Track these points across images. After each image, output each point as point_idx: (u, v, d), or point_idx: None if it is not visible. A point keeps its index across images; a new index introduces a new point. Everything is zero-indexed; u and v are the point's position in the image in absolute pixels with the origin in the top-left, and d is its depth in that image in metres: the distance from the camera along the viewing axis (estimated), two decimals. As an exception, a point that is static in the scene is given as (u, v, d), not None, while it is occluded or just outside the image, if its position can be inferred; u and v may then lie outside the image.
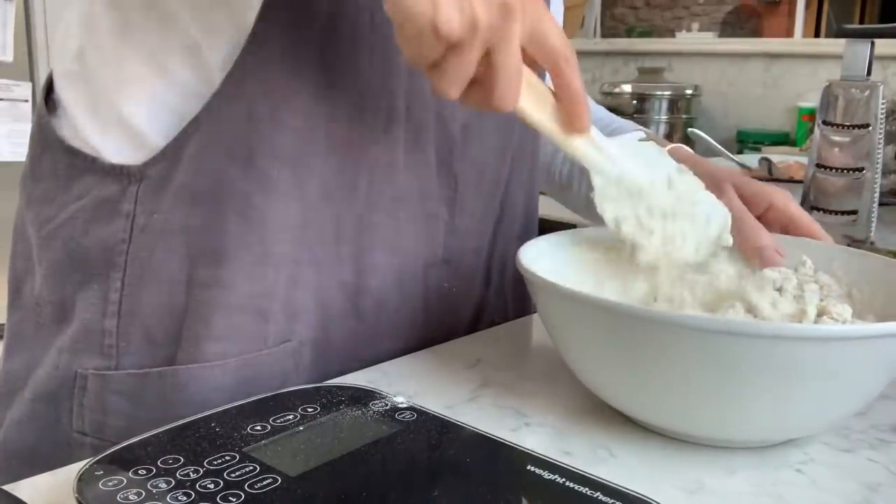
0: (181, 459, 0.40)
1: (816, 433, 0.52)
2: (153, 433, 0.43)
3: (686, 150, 0.73)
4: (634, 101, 2.36)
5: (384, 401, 0.48)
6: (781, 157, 1.80)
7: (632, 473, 0.47)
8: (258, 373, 0.59)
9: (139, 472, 0.39)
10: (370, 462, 0.42)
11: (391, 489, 0.40)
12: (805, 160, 1.38)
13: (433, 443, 0.44)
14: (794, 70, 2.37)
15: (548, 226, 0.75)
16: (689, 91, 2.40)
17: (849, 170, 1.07)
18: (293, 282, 0.59)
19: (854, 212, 1.08)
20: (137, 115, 0.58)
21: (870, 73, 1.06)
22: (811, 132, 1.62)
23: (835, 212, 1.09)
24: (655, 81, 2.44)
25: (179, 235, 0.57)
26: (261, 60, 0.55)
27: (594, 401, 0.54)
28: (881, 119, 1.05)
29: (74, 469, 0.40)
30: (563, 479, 0.40)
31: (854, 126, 1.06)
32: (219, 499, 0.37)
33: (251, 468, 0.40)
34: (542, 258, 0.58)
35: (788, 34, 3.71)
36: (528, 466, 0.41)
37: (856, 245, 1.05)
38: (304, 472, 0.40)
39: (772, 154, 1.84)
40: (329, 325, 0.62)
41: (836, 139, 1.07)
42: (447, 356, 0.64)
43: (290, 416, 0.46)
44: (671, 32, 3.82)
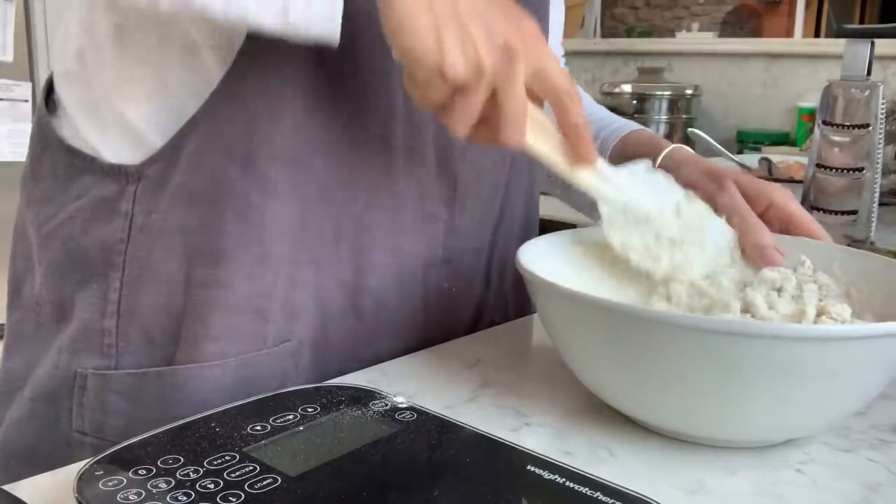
0: (181, 459, 0.40)
1: (816, 433, 0.52)
2: (153, 433, 0.43)
3: (686, 150, 0.73)
4: (634, 101, 2.36)
5: (384, 401, 0.48)
6: (781, 157, 1.80)
7: (632, 473, 0.47)
8: (257, 373, 0.59)
9: (139, 472, 0.39)
10: (370, 462, 0.42)
11: (391, 489, 0.40)
12: (805, 160, 1.38)
13: (433, 443, 0.44)
14: (794, 70, 2.37)
15: (548, 226, 0.75)
16: (689, 91, 2.39)
17: (849, 170, 1.07)
18: (292, 282, 0.59)
19: (854, 212, 1.08)
20: (136, 116, 0.58)
21: (870, 73, 1.06)
22: (811, 132, 1.62)
23: (835, 212, 1.09)
24: (655, 81, 2.44)
25: (178, 235, 0.57)
26: (259, 61, 0.55)
27: (594, 401, 0.54)
28: (881, 119, 1.05)
29: (74, 469, 0.40)
30: (563, 479, 0.40)
31: (854, 126, 1.06)
32: (219, 499, 0.37)
33: (251, 468, 0.40)
34: (542, 258, 0.58)
35: (788, 34, 3.71)
36: (528, 466, 0.41)
37: (856, 245, 1.05)
38: (304, 472, 0.40)
39: (772, 154, 1.84)
40: (328, 325, 0.62)
41: (836, 139, 1.07)
42: (447, 356, 0.64)
43: (290, 416, 0.46)
44: (671, 32, 3.83)
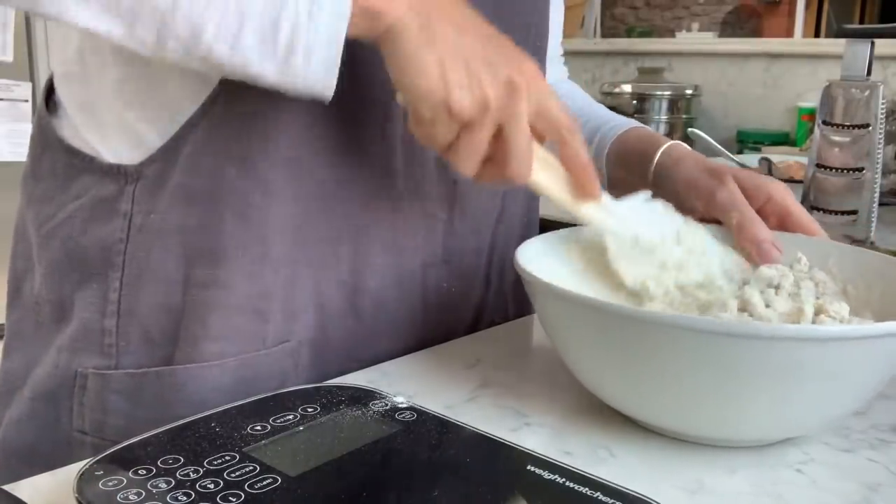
0: (181, 459, 0.40)
1: (815, 432, 0.52)
2: (153, 433, 0.43)
3: (684, 147, 0.73)
4: (634, 101, 2.36)
5: (384, 401, 0.48)
6: (781, 157, 1.80)
7: (632, 473, 0.47)
8: (257, 373, 0.59)
9: (139, 472, 0.39)
10: (370, 462, 0.42)
11: (391, 489, 0.40)
12: (805, 160, 1.38)
13: (433, 443, 0.44)
14: (794, 70, 2.37)
15: (548, 226, 0.74)
16: (689, 91, 2.39)
17: (849, 170, 1.07)
18: (291, 282, 0.59)
19: (854, 212, 1.08)
20: (135, 116, 0.58)
21: (870, 73, 1.06)
22: (811, 132, 1.62)
23: (835, 212, 1.09)
24: (655, 81, 2.44)
25: (176, 235, 0.57)
26: None
27: (594, 401, 0.54)
28: (881, 119, 1.05)
29: (74, 469, 0.40)
30: (563, 479, 0.40)
31: (854, 126, 1.06)
32: (219, 499, 0.37)
33: (251, 468, 0.40)
34: (540, 257, 0.58)
35: (788, 34, 3.71)
36: (528, 466, 0.41)
37: (856, 245, 1.05)
38: (304, 472, 0.40)
39: (772, 154, 1.84)
40: (328, 326, 0.62)
41: (836, 139, 1.07)
42: (447, 356, 0.63)
43: (290, 416, 0.46)
44: (671, 32, 3.83)
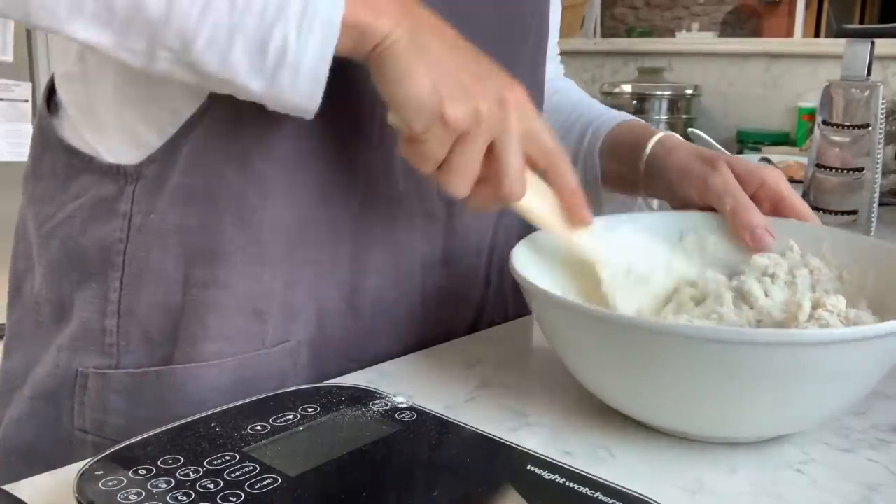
0: (181, 459, 0.40)
1: (815, 428, 0.52)
2: (153, 433, 0.43)
3: (677, 138, 0.73)
4: (634, 101, 2.36)
5: (384, 401, 0.48)
6: (781, 157, 1.80)
7: (632, 473, 0.47)
8: (256, 373, 0.59)
9: (139, 472, 0.39)
10: (370, 462, 0.42)
11: (391, 489, 0.40)
12: (805, 160, 1.38)
13: (433, 443, 0.44)
14: (794, 70, 2.37)
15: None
16: (689, 91, 2.39)
17: (849, 170, 1.07)
18: (290, 282, 0.59)
19: (854, 212, 1.08)
20: (135, 116, 0.58)
21: (870, 73, 1.06)
22: (811, 132, 1.62)
23: (835, 212, 1.09)
24: (655, 81, 2.44)
25: (176, 235, 0.57)
26: None
27: (594, 401, 0.54)
28: (881, 119, 1.05)
29: (74, 469, 0.40)
30: (563, 479, 0.40)
31: (854, 126, 1.06)
32: (219, 499, 0.37)
33: (251, 468, 0.40)
34: (536, 258, 0.58)
35: (788, 34, 3.72)
36: (528, 466, 0.41)
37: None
38: (304, 472, 0.40)
39: (772, 154, 1.84)
40: (327, 326, 0.62)
41: (836, 139, 1.07)
42: (447, 356, 0.63)
43: (290, 416, 0.46)
44: (671, 32, 3.83)
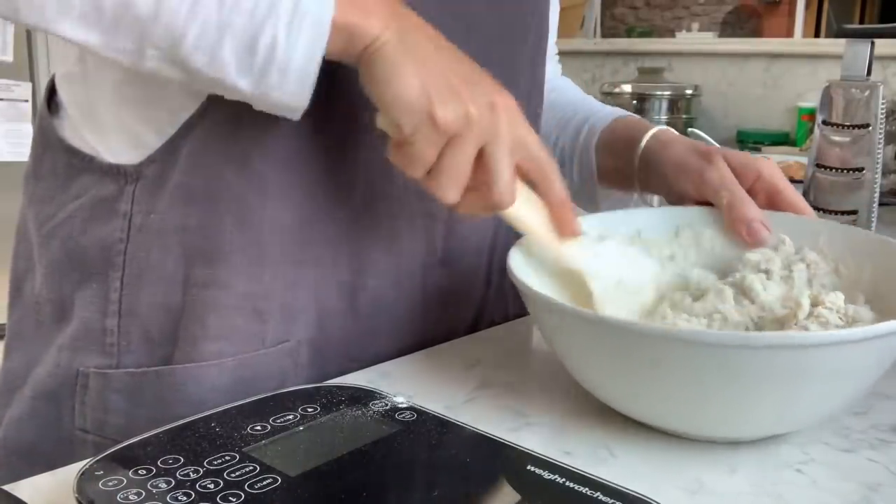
0: (181, 459, 0.40)
1: (814, 428, 0.52)
2: (153, 433, 0.43)
3: (672, 132, 0.73)
4: (634, 101, 2.36)
5: (384, 401, 0.48)
6: (781, 157, 1.80)
7: (632, 473, 0.47)
8: (256, 373, 0.59)
9: (139, 472, 0.39)
10: (370, 462, 0.42)
11: (391, 489, 0.40)
12: (805, 160, 1.38)
13: (433, 443, 0.44)
14: (794, 70, 2.37)
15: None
16: (689, 91, 2.40)
17: (849, 170, 1.07)
18: (290, 282, 0.59)
19: (854, 212, 1.08)
20: (135, 116, 0.58)
21: (870, 73, 1.06)
22: (811, 132, 1.62)
23: (835, 212, 1.09)
24: (655, 81, 2.44)
25: (176, 235, 0.57)
26: None
27: (594, 400, 0.54)
28: (881, 119, 1.05)
29: (74, 469, 0.40)
30: (563, 479, 0.40)
31: (854, 126, 1.06)
32: (219, 499, 0.37)
33: (251, 468, 0.40)
34: (531, 261, 0.58)
35: (788, 34, 3.72)
36: (528, 466, 0.41)
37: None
38: (304, 472, 0.40)
39: (772, 154, 1.84)
40: (327, 325, 0.62)
41: (836, 139, 1.07)
42: (447, 356, 0.63)
43: (290, 416, 0.46)
44: (671, 32, 3.83)
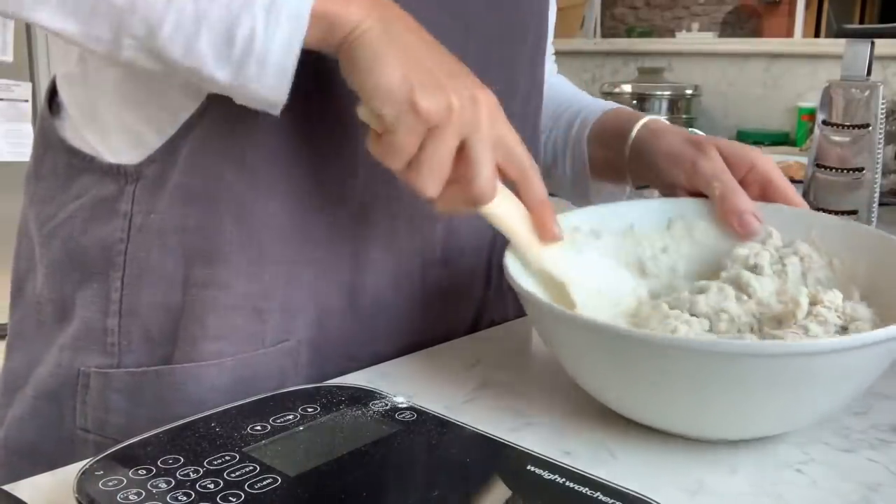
0: (181, 459, 0.40)
1: (814, 428, 0.52)
2: (153, 433, 0.43)
3: (663, 122, 0.73)
4: (634, 101, 2.36)
5: (384, 401, 0.48)
6: (781, 157, 1.80)
7: (632, 473, 0.47)
8: (255, 372, 0.59)
9: (139, 472, 0.39)
10: (370, 462, 0.42)
11: (391, 489, 0.40)
12: (805, 160, 1.38)
13: (433, 443, 0.44)
14: (794, 70, 2.37)
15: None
16: (689, 91, 2.40)
17: (849, 170, 1.07)
18: (290, 281, 0.59)
19: (854, 212, 1.08)
20: (135, 116, 0.58)
21: (870, 73, 1.06)
22: (811, 132, 1.62)
23: (835, 212, 1.09)
24: (655, 81, 2.44)
25: (175, 235, 0.57)
26: None
27: (594, 401, 0.54)
28: (881, 119, 1.05)
29: (74, 469, 0.40)
30: (563, 479, 0.40)
31: (854, 126, 1.06)
32: (219, 499, 0.37)
33: (251, 468, 0.40)
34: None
35: (788, 34, 3.72)
36: (528, 466, 0.41)
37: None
38: (304, 472, 0.40)
39: (772, 154, 1.84)
40: (327, 325, 0.62)
41: (836, 139, 1.07)
42: (447, 356, 0.63)
43: (290, 416, 0.46)
44: (671, 32, 3.83)
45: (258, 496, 0.38)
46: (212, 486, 0.38)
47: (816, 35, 3.83)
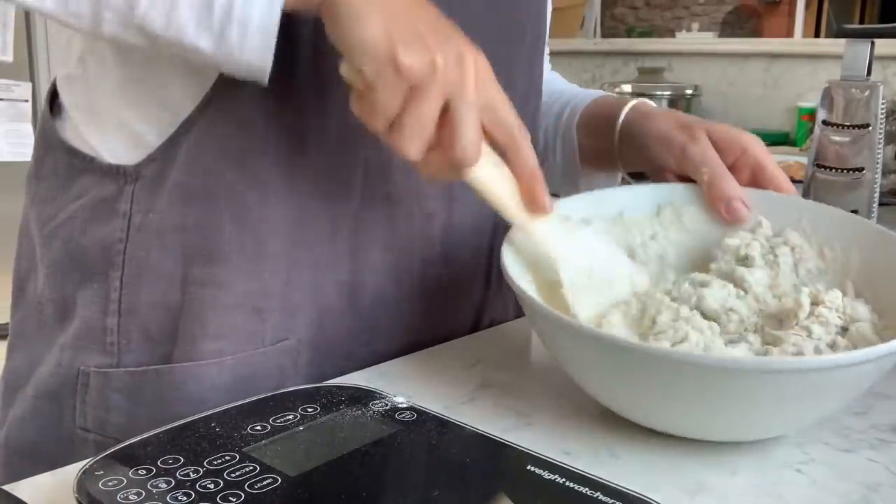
0: (181, 459, 0.40)
1: (814, 428, 0.52)
2: (153, 433, 0.43)
3: (650, 104, 0.72)
4: (634, 101, 2.36)
5: (384, 401, 0.48)
6: (781, 157, 1.80)
7: (632, 473, 0.47)
8: (255, 371, 0.59)
9: (139, 472, 0.39)
10: (370, 462, 0.42)
11: (391, 489, 0.40)
12: (805, 160, 1.38)
13: (433, 443, 0.44)
14: (794, 70, 2.37)
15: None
16: (689, 91, 2.40)
17: (849, 170, 1.07)
18: (289, 280, 0.59)
19: (854, 212, 1.08)
20: (135, 117, 0.58)
21: (870, 73, 1.06)
22: (811, 132, 1.62)
23: (835, 212, 1.09)
24: (655, 81, 2.45)
25: (175, 234, 0.57)
26: None
27: (594, 401, 0.54)
28: (881, 119, 1.05)
29: (74, 469, 0.40)
30: (563, 479, 0.40)
31: (854, 126, 1.06)
32: (219, 499, 0.37)
33: (251, 468, 0.40)
34: (519, 258, 0.57)
35: (788, 34, 3.72)
36: (528, 466, 0.41)
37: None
38: (304, 472, 0.40)
39: (772, 154, 1.84)
40: (326, 324, 0.62)
41: (836, 139, 1.07)
42: (447, 356, 0.63)
43: (290, 416, 0.46)
44: (671, 32, 3.83)
45: (258, 496, 0.38)
46: (212, 486, 0.38)
47: (816, 35, 3.84)
